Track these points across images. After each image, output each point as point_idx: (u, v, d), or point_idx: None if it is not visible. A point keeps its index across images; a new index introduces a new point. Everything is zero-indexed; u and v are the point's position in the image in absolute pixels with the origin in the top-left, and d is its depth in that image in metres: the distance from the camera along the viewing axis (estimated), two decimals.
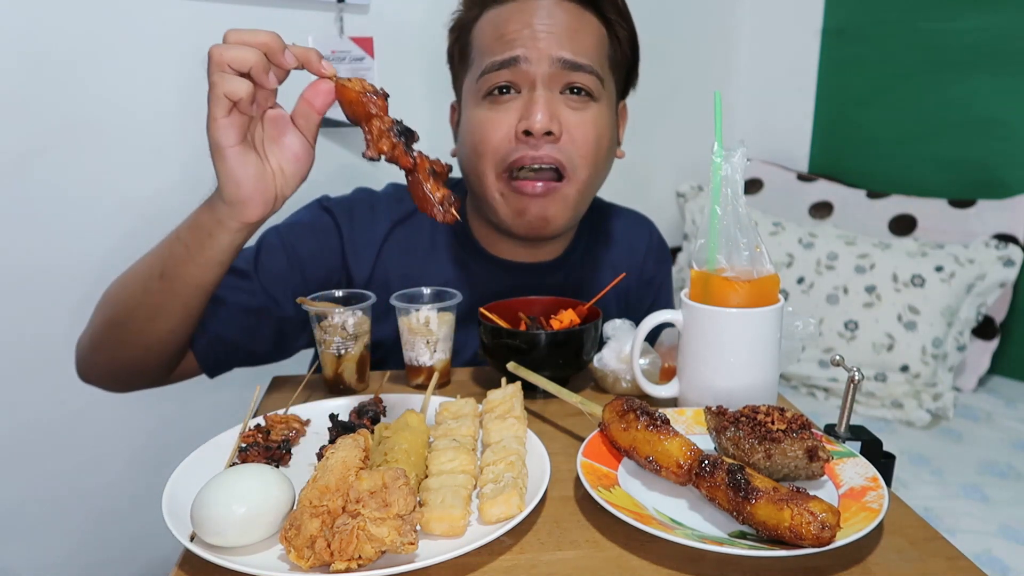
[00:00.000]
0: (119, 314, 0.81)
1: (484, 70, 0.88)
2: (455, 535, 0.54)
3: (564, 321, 0.86)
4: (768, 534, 0.52)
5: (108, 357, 0.85)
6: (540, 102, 0.85)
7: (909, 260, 1.72)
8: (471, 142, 0.90)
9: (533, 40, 0.85)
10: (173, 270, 0.75)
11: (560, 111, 0.87)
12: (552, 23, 0.86)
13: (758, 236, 0.70)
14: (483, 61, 0.88)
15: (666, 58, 2.17)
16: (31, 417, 1.38)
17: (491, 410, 0.73)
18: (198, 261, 0.73)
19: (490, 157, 0.88)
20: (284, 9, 1.47)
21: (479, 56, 0.90)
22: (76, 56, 1.31)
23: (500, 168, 0.89)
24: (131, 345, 0.82)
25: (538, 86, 0.86)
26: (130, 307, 0.79)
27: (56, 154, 1.32)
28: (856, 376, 0.68)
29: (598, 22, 0.91)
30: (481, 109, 0.89)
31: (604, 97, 0.92)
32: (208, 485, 0.53)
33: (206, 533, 0.51)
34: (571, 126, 0.87)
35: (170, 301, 0.77)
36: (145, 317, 0.79)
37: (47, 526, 1.45)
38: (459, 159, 0.97)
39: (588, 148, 0.89)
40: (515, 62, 0.85)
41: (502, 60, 0.86)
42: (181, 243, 0.74)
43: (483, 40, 0.90)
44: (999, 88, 1.82)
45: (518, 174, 0.88)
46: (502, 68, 0.86)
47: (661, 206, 2.25)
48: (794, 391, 1.76)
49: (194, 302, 0.78)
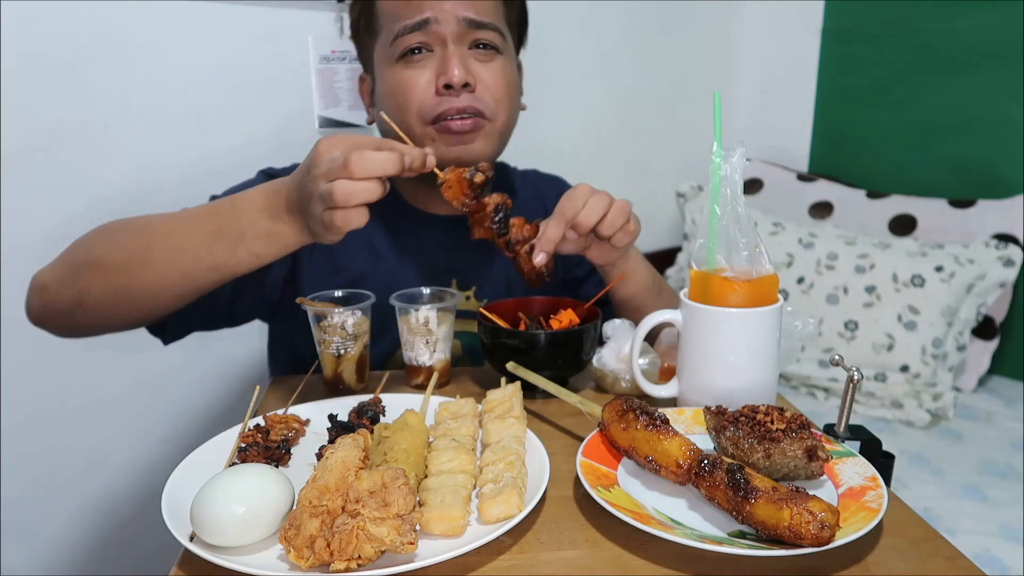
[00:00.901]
0: (130, 264, 0.79)
1: (397, 34, 0.92)
2: (455, 535, 0.54)
3: (564, 321, 0.86)
4: (767, 534, 0.52)
5: (81, 296, 0.80)
6: (454, 58, 0.91)
7: (909, 260, 1.72)
8: (393, 102, 0.94)
9: (440, 2, 0.91)
10: (230, 268, 0.77)
11: (472, 65, 0.93)
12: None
13: (757, 236, 0.70)
14: (394, 26, 0.93)
15: (666, 58, 2.18)
16: (31, 417, 1.38)
17: (491, 410, 0.73)
18: (264, 260, 0.78)
19: (415, 112, 0.93)
20: (284, 9, 1.48)
21: (388, 22, 0.94)
22: (76, 56, 1.31)
23: (426, 121, 0.94)
24: (124, 293, 0.79)
25: (449, 43, 0.92)
26: (150, 268, 0.78)
27: (57, 154, 1.32)
28: (856, 376, 0.68)
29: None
30: (398, 69, 0.94)
31: (507, 51, 0.98)
32: (207, 485, 0.53)
33: (205, 533, 0.51)
34: (484, 77, 0.94)
35: (204, 284, 0.79)
36: (163, 282, 0.78)
37: (47, 526, 1.45)
38: (380, 125, 1.01)
39: (502, 93, 0.96)
40: (426, 24, 0.91)
41: (413, 24, 0.91)
42: (250, 251, 0.76)
43: (390, 7, 0.94)
44: (999, 88, 1.82)
45: (441, 120, 0.93)
46: (414, 31, 0.91)
47: (661, 206, 2.25)
48: (794, 391, 1.76)
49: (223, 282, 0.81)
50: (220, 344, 1.55)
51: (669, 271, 2.17)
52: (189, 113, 1.43)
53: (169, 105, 1.41)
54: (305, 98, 1.54)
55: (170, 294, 0.80)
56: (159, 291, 0.79)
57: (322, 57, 1.53)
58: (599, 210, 0.82)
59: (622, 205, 0.85)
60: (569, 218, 0.82)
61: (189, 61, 1.42)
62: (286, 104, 1.53)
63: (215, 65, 1.44)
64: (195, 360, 1.55)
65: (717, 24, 2.26)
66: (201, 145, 1.44)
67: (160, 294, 0.79)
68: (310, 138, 1.09)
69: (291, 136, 1.52)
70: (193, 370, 1.55)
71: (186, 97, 1.43)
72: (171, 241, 0.78)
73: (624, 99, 2.10)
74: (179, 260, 0.77)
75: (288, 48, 1.50)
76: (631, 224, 0.86)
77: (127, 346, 1.45)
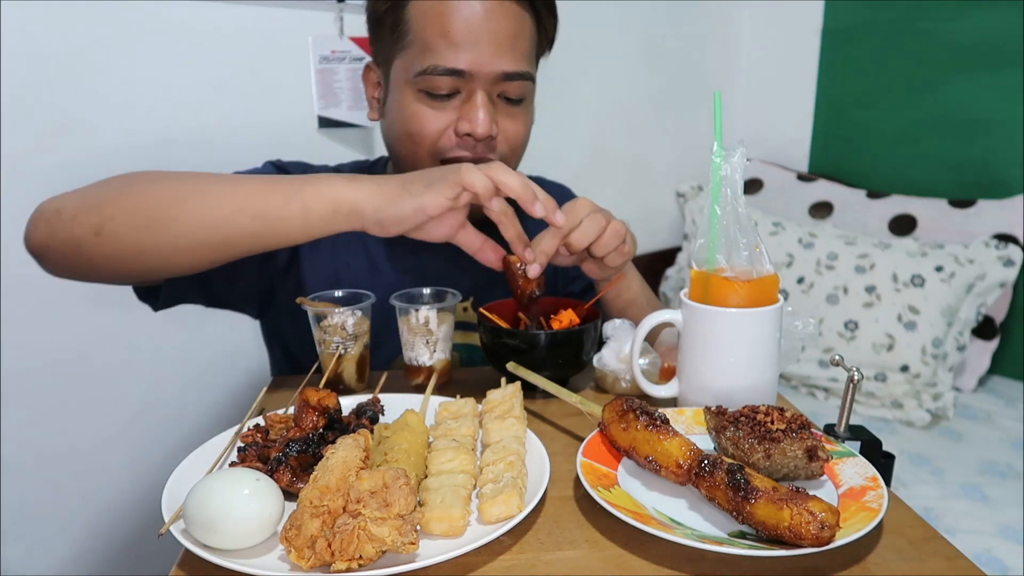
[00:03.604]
0: (168, 202, 0.75)
1: (427, 69, 0.88)
2: (455, 535, 0.54)
3: (564, 321, 0.86)
4: (768, 534, 0.52)
5: (102, 226, 0.75)
6: (482, 110, 0.89)
7: (909, 260, 1.72)
8: (406, 130, 0.92)
9: (478, 50, 0.87)
10: (274, 221, 0.75)
11: (496, 115, 0.92)
12: (495, 29, 0.88)
13: (758, 236, 0.70)
14: (424, 58, 0.88)
15: (667, 58, 2.18)
16: (32, 417, 1.38)
17: (491, 410, 0.73)
18: (310, 225, 0.75)
19: (427, 147, 0.92)
20: (284, 9, 1.48)
21: (420, 47, 0.89)
22: (76, 56, 1.31)
23: (436, 158, 0.93)
24: (151, 231, 0.75)
25: (478, 92, 0.89)
26: (189, 207, 0.75)
27: (57, 154, 1.32)
28: (856, 376, 0.68)
29: (532, 20, 0.93)
30: (418, 103, 0.91)
31: (531, 92, 0.96)
32: (192, 490, 0.53)
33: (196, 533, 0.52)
34: (505, 127, 0.93)
35: (240, 236, 0.76)
36: (198, 224, 0.74)
37: (48, 526, 1.45)
38: (387, 138, 0.98)
39: (517, 144, 0.96)
40: (461, 74, 0.88)
41: (447, 69, 0.88)
42: (304, 206, 0.74)
43: (424, 28, 0.89)
44: (999, 88, 1.82)
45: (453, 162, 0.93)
46: (446, 75, 0.88)
47: (661, 206, 2.25)
48: (794, 391, 1.77)
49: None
50: (220, 344, 1.56)
51: (669, 271, 2.17)
52: (189, 113, 1.43)
53: (169, 105, 1.41)
54: (305, 98, 1.54)
55: (199, 241, 0.75)
56: (189, 234, 0.74)
57: (322, 57, 1.53)
58: (594, 231, 0.81)
59: (618, 227, 0.83)
60: (565, 233, 0.81)
61: (189, 61, 1.42)
62: (286, 104, 1.53)
63: (215, 65, 1.44)
64: (195, 360, 1.55)
65: (717, 24, 2.26)
66: (201, 145, 1.44)
67: (189, 239, 0.75)
68: (310, 138, 1.09)
69: (291, 136, 1.52)
70: (193, 370, 1.55)
71: (186, 97, 1.43)
72: (222, 185, 0.76)
73: (624, 99, 2.10)
74: (225, 202, 0.74)
75: (288, 48, 1.50)
76: (626, 246, 0.85)
77: (127, 346, 1.46)
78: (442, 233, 0.77)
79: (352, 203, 0.74)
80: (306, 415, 0.67)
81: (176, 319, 1.51)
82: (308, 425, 0.67)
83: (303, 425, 0.67)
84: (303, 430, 0.66)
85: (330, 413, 0.69)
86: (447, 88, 0.89)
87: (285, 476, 0.59)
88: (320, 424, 0.68)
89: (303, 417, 0.67)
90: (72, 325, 1.40)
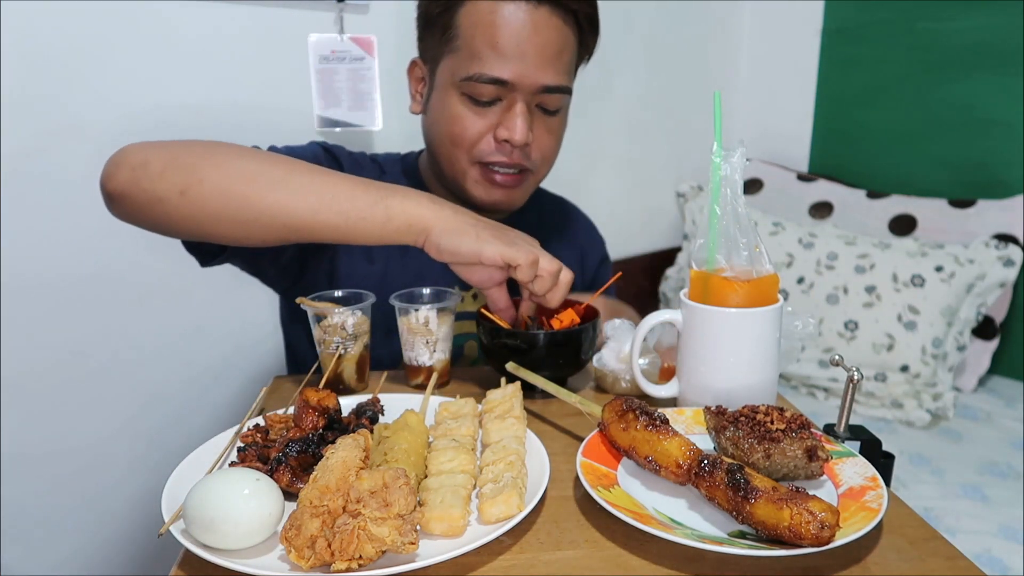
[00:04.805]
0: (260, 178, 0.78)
1: (472, 76, 0.92)
2: (455, 535, 0.54)
3: (563, 321, 0.86)
4: (767, 534, 0.52)
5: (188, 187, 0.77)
6: (520, 118, 0.93)
7: (909, 260, 1.72)
8: (448, 131, 0.96)
9: (523, 63, 0.91)
10: (355, 220, 0.78)
11: (534, 124, 0.96)
12: (540, 43, 0.91)
13: (757, 236, 0.70)
14: (471, 65, 0.92)
15: (666, 58, 2.18)
16: (32, 417, 1.38)
17: (490, 410, 0.73)
18: (388, 229, 0.79)
19: (465, 149, 0.96)
20: (284, 9, 1.48)
21: (467, 53, 0.92)
22: (76, 56, 1.31)
23: (473, 160, 0.97)
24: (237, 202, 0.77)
25: (519, 101, 0.94)
26: (280, 190, 0.77)
27: (57, 154, 1.32)
28: (855, 376, 0.68)
29: (575, 36, 0.97)
30: (461, 106, 0.95)
31: (566, 104, 1.00)
32: (192, 489, 0.53)
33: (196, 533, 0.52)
34: (540, 136, 0.98)
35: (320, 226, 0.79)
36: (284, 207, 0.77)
37: (48, 526, 1.45)
38: (428, 135, 1.02)
39: (550, 152, 1.01)
40: (504, 84, 0.92)
41: (491, 78, 0.91)
42: (387, 211, 0.78)
43: (473, 36, 0.92)
44: (999, 88, 1.82)
45: (490, 165, 0.97)
46: (490, 84, 0.92)
47: (661, 206, 2.25)
48: (794, 391, 1.77)
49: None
50: (221, 344, 1.56)
51: (669, 271, 2.17)
52: (189, 113, 1.43)
53: (169, 105, 1.41)
54: (305, 98, 1.54)
55: (281, 223, 0.78)
56: (273, 214, 0.77)
57: (322, 57, 1.53)
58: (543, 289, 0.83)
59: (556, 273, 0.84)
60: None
61: (189, 61, 1.42)
62: (285, 104, 1.53)
63: (215, 65, 1.44)
64: (195, 360, 1.55)
65: (717, 24, 2.26)
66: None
67: (272, 218, 0.77)
68: (309, 138, 1.09)
69: (291, 136, 1.52)
70: (193, 370, 1.55)
71: (186, 97, 1.43)
72: (311, 175, 0.79)
73: (624, 99, 2.10)
74: (314, 192, 0.77)
75: (288, 48, 1.50)
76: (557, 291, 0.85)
77: (127, 345, 1.46)
78: (479, 280, 0.81)
79: (426, 223, 0.78)
80: (306, 415, 0.67)
81: (176, 319, 1.52)
82: (308, 425, 0.67)
83: (303, 425, 0.67)
84: (303, 430, 0.66)
85: (330, 413, 0.69)
86: (490, 95, 0.93)
87: (285, 476, 0.59)
88: (320, 424, 0.68)
89: (303, 417, 0.67)
90: (72, 325, 1.40)
